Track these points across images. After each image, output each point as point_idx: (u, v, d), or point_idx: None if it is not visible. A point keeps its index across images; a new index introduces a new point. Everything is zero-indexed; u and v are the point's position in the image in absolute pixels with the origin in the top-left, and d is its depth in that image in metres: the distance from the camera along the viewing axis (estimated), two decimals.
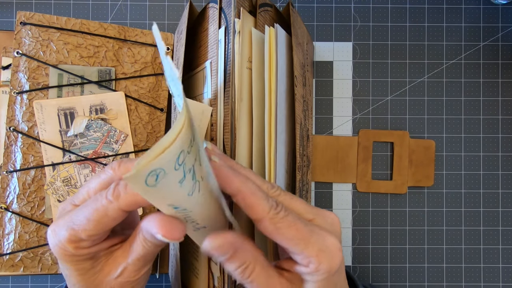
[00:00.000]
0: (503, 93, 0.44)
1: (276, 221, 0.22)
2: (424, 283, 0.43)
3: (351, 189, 0.44)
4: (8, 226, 0.38)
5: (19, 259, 0.38)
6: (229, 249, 0.21)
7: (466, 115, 0.44)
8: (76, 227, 0.22)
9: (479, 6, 0.44)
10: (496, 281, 0.43)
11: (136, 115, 0.40)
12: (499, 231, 0.44)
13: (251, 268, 0.22)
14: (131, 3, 0.43)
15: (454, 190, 0.44)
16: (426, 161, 0.43)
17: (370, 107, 0.44)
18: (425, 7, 0.44)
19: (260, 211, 0.22)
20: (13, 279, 0.42)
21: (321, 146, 0.43)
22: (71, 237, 0.22)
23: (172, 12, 0.43)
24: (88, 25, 0.39)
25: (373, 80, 0.44)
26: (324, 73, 0.44)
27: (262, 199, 0.22)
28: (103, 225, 0.22)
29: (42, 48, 0.38)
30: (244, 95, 0.28)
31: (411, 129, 0.44)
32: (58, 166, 0.39)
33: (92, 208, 0.22)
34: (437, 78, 0.44)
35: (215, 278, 0.30)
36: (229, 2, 0.28)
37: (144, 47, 0.40)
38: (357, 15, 0.44)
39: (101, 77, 0.39)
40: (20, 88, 0.38)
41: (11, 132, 0.38)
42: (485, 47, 0.44)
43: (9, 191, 0.38)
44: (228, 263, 0.22)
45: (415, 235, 0.44)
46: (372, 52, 0.44)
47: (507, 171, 0.44)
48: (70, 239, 0.22)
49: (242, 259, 0.22)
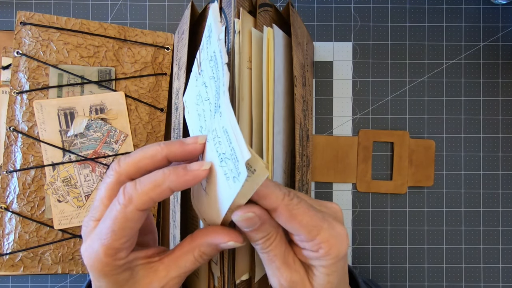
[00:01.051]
0: (503, 93, 0.44)
1: (291, 207, 0.22)
2: (424, 283, 0.43)
3: (351, 189, 0.44)
4: (8, 226, 0.38)
5: (19, 259, 0.38)
6: (257, 221, 0.22)
7: (466, 115, 0.44)
8: (106, 241, 0.22)
9: (479, 6, 0.44)
10: (496, 281, 0.43)
11: (136, 115, 0.40)
12: (499, 231, 0.44)
13: (272, 240, 0.23)
14: (131, 3, 0.43)
15: (454, 190, 0.44)
16: (426, 161, 0.43)
17: (370, 107, 0.44)
18: (425, 7, 0.44)
19: (274, 199, 0.22)
20: (13, 279, 0.42)
21: (321, 146, 0.43)
22: (107, 251, 0.22)
23: (172, 12, 0.43)
24: (88, 25, 0.39)
25: (373, 80, 0.44)
26: (324, 73, 0.44)
27: (275, 187, 0.23)
28: (129, 229, 0.22)
29: (42, 48, 0.38)
30: (244, 94, 0.28)
31: (411, 129, 0.44)
32: (58, 166, 0.39)
33: (112, 219, 0.22)
34: (437, 78, 0.44)
35: (215, 278, 0.30)
36: (229, 2, 0.28)
37: (144, 47, 0.40)
38: (357, 15, 0.44)
39: (101, 77, 0.39)
40: (20, 88, 0.38)
41: (11, 132, 0.38)
42: (485, 47, 0.44)
43: (9, 191, 0.38)
44: (253, 233, 0.23)
45: (415, 235, 0.44)
46: (372, 52, 0.44)
47: (507, 171, 0.44)
48: (106, 253, 0.22)
49: (266, 231, 0.23)
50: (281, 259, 0.24)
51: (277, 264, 0.24)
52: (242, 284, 0.29)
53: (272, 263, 0.24)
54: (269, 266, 0.24)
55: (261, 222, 0.23)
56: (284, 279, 0.24)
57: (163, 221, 0.41)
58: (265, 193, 0.22)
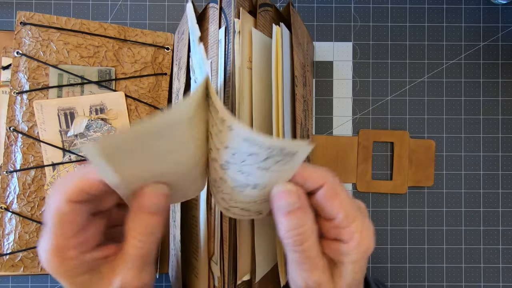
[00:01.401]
0: (503, 93, 0.44)
1: (335, 185, 0.22)
2: (424, 283, 0.43)
3: (351, 189, 0.44)
4: (8, 226, 0.38)
5: (19, 259, 0.38)
6: (296, 200, 0.22)
7: (466, 115, 0.44)
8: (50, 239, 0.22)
9: (479, 6, 0.44)
10: (496, 281, 0.43)
11: (136, 115, 0.40)
12: (499, 231, 0.44)
13: (308, 235, 0.22)
14: (131, 3, 0.43)
15: (454, 190, 0.44)
16: (426, 161, 0.43)
17: (370, 107, 0.44)
18: (425, 7, 0.44)
19: (320, 177, 0.22)
20: (13, 279, 0.42)
21: (321, 146, 0.43)
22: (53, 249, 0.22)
23: (172, 12, 0.43)
24: (88, 25, 0.39)
25: (373, 80, 0.44)
26: (324, 73, 0.44)
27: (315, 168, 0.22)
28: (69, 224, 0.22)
29: (42, 48, 0.38)
30: (244, 95, 0.28)
31: (411, 129, 0.44)
32: (58, 166, 0.39)
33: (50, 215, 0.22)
34: (437, 78, 0.44)
35: (215, 278, 0.30)
36: (229, 2, 0.28)
37: (144, 47, 0.40)
38: (357, 15, 0.44)
39: (101, 77, 0.39)
40: (20, 88, 0.38)
41: (11, 132, 0.38)
42: (485, 47, 0.44)
43: (9, 191, 0.38)
44: (288, 217, 0.22)
45: (415, 235, 0.44)
46: (372, 52, 0.44)
47: (507, 171, 0.44)
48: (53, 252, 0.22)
49: (302, 219, 0.22)
50: (313, 261, 0.23)
51: (308, 266, 0.23)
52: (242, 284, 0.29)
53: (303, 265, 0.23)
54: (298, 266, 0.23)
55: (300, 205, 0.22)
56: (312, 281, 0.23)
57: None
58: (308, 172, 0.22)
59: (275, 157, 0.20)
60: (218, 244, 0.28)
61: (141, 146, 0.20)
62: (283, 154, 0.20)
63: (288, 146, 0.20)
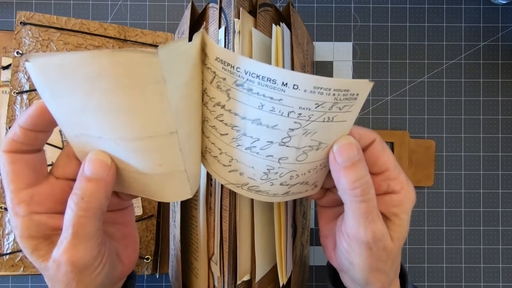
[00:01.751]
0: (503, 93, 0.44)
1: (382, 141, 0.25)
2: (424, 283, 0.43)
3: None
4: (8, 226, 0.38)
5: (19, 259, 0.38)
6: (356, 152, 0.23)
7: (466, 115, 0.44)
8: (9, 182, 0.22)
9: (479, 6, 0.44)
10: (496, 281, 0.43)
11: None
12: (499, 231, 0.44)
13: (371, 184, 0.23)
14: (131, 3, 0.43)
15: (454, 190, 0.44)
16: (426, 161, 0.43)
17: (370, 107, 0.44)
18: (425, 7, 0.44)
19: (371, 133, 0.24)
20: (13, 279, 0.42)
21: None
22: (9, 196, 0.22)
23: (172, 12, 0.43)
24: (88, 25, 0.39)
25: (373, 80, 0.44)
26: (324, 73, 0.44)
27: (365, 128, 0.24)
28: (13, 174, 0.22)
29: (42, 48, 0.38)
30: None
31: (411, 129, 0.44)
32: None
33: None
34: (437, 78, 0.44)
35: (215, 278, 0.30)
36: (229, 2, 0.28)
37: (144, 47, 0.40)
38: (357, 15, 0.44)
39: None
40: (20, 88, 0.38)
41: None
42: (485, 47, 0.44)
43: None
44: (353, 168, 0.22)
45: (415, 235, 0.44)
46: (372, 52, 0.44)
47: (507, 171, 0.44)
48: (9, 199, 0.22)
49: (365, 169, 0.23)
50: (377, 211, 0.23)
51: (373, 216, 0.23)
52: (242, 284, 0.29)
53: (369, 215, 0.23)
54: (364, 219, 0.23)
55: (359, 157, 0.23)
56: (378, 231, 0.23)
57: (163, 221, 0.41)
58: (360, 131, 0.24)
59: (339, 103, 0.21)
60: (218, 244, 0.29)
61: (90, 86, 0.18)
62: (347, 97, 0.20)
63: (351, 86, 0.20)
